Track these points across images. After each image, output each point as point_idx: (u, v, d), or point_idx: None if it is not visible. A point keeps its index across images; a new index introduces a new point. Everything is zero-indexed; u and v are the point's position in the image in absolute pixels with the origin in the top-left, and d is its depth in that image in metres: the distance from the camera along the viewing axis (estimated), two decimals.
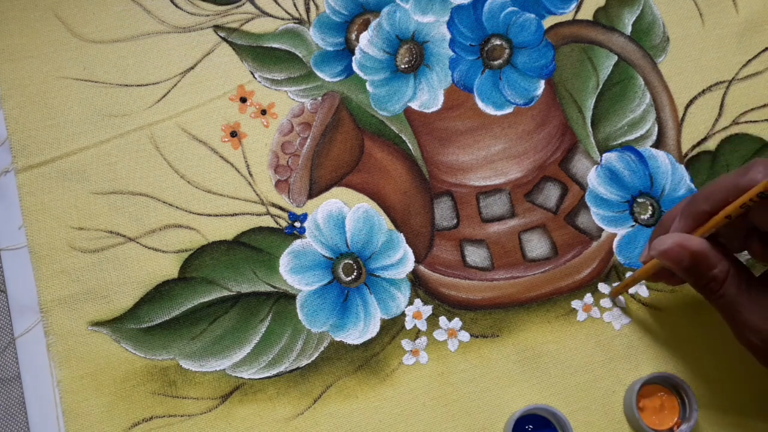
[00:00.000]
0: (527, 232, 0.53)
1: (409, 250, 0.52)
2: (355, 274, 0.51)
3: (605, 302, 0.52)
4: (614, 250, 0.53)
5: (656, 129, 0.55)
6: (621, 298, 0.52)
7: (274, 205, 0.52)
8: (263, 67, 0.54)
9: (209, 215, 0.51)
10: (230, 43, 0.54)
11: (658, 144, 0.55)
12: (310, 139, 0.53)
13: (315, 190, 0.52)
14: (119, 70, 0.53)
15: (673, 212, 0.46)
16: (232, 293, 0.50)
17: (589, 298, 0.52)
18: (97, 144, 0.52)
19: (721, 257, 0.42)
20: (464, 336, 0.50)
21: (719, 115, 0.56)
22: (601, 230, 0.53)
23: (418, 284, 0.51)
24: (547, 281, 0.52)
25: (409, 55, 0.55)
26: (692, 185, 0.54)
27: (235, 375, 0.49)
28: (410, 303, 0.51)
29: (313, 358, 0.49)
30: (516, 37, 0.56)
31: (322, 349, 0.49)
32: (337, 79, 0.54)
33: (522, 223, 0.53)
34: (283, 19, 0.55)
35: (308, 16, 0.55)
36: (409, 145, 0.54)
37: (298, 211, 0.52)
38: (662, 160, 0.55)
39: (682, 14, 0.58)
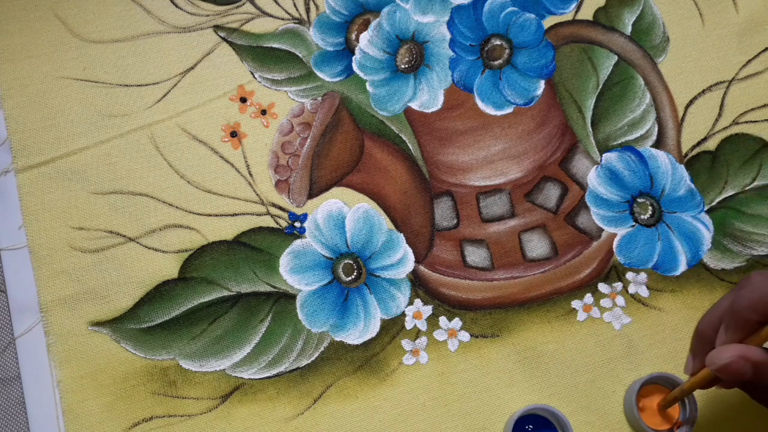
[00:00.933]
0: (527, 232, 0.53)
1: (409, 250, 0.52)
2: (355, 274, 0.51)
3: (605, 302, 0.52)
4: (614, 250, 0.53)
5: (656, 129, 0.55)
6: (621, 298, 0.52)
7: (274, 205, 0.52)
8: (263, 67, 0.54)
9: (209, 215, 0.51)
10: (230, 43, 0.54)
11: (658, 144, 0.55)
12: (310, 139, 0.53)
13: (315, 190, 0.52)
14: (119, 70, 0.53)
15: (710, 321, 0.42)
16: (232, 293, 0.50)
17: (589, 298, 0.52)
18: (97, 144, 0.52)
19: None
20: (464, 336, 0.50)
21: (719, 115, 0.56)
22: (601, 230, 0.53)
23: (418, 284, 0.51)
24: (547, 281, 0.52)
25: (409, 55, 0.55)
26: (692, 185, 0.54)
27: (235, 375, 0.49)
28: (410, 303, 0.51)
29: (313, 358, 0.49)
30: (516, 37, 0.56)
31: (322, 349, 0.49)
32: (337, 79, 0.54)
33: (522, 223, 0.53)
34: (283, 19, 0.55)
35: (308, 16, 0.55)
36: (409, 145, 0.54)
37: (298, 211, 0.52)
38: (662, 160, 0.55)
39: (682, 14, 0.58)
